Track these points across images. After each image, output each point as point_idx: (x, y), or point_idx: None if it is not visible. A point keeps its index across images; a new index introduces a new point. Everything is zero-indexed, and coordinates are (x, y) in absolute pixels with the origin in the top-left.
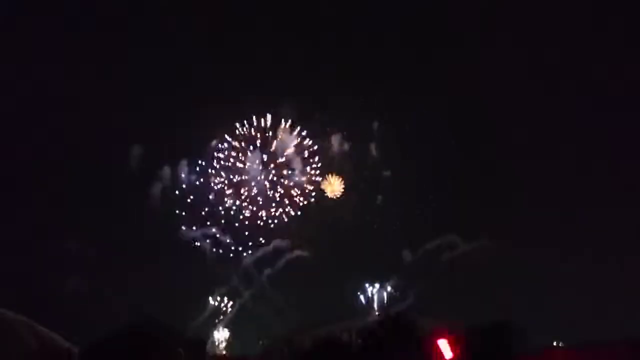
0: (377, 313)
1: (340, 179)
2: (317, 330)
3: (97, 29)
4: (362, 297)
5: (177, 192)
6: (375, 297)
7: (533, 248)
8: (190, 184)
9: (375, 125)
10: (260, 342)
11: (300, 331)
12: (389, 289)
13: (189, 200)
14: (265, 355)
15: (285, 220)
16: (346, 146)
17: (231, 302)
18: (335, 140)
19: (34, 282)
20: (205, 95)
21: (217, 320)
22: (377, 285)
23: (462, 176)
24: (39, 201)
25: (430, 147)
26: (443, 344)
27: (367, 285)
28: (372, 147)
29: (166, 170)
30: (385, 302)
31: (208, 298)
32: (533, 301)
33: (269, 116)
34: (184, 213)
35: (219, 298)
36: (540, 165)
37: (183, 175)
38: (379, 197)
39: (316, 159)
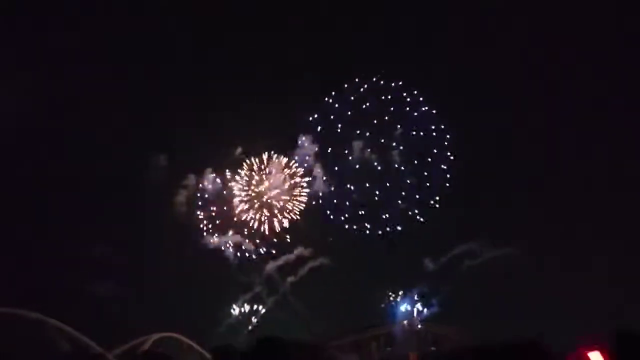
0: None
1: None
2: (344, 338)
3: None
4: (385, 305)
5: (201, 201)
6: (400, 305)
7: (557, 256)
8: (215, 192)
9: (398, 131)
10: None
11: (327, 339)
12: (415, 297)
13: (213, 209)
14: None
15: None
16: (367, 153)
17: (255, 307)
18: (356, 147)
19: (64, 288)
20: (229, 104)
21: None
22: (400, 294)
23: (484, 183)
24: (68, 209)
25: (452, 153)
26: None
27: (390, 293)
28: (395, 154)
29: (191, 179)
30: (409, 310)
31: (232, 305)
32: (556, 309)
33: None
34: (208, 221)
35: (245, 306)
36: (567, 172)
37: (207, 184)
38: (401, 204)
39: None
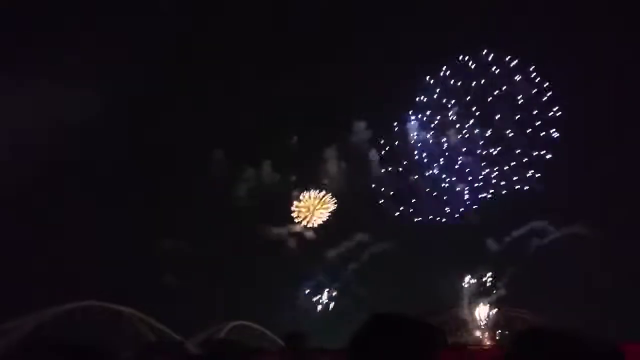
0: None
1: None
2: None
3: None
4: (449, 289)
5: (260, 191)
6: (464, 289)
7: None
8: (273, 183)
9: (454, 110)
10: None
11: None
12: (484, 279)
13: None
14: None
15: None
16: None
17: (319, 295)
18: (412, 127)
19: (142, 282)
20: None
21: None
22: (468, 277)
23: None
24: (141, 206)
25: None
26: None
27: (454, 276)
28: (452, 133)
29: (249, 171)
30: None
31: (294, 294)
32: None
33: None
34: (267, 211)
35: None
36: None
37: (266, 175)
38: (461, 185)
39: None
